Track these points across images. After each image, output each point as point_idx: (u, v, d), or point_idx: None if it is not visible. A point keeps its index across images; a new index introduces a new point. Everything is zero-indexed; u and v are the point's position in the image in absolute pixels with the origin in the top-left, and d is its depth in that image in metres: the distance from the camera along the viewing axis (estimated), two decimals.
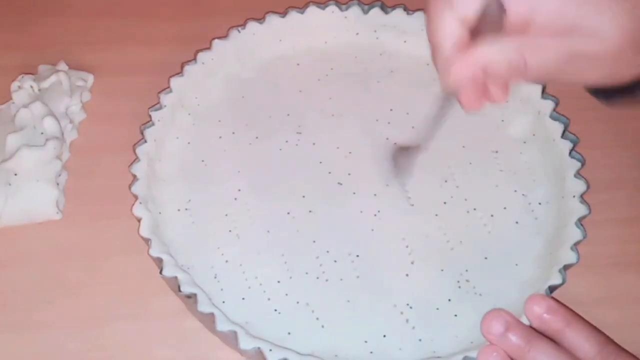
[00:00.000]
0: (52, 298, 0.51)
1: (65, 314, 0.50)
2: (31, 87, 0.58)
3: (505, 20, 0.38)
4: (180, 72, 0.57)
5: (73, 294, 0.51)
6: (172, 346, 0.48)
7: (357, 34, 0.61)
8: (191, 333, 0.49)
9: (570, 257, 0.47)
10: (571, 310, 0.42)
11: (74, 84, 0.60)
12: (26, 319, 0.50)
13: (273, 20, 0.60)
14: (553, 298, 0.44)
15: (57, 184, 0.54)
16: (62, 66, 0.61)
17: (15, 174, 0.53)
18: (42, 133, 0.56)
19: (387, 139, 0.56)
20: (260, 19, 0.60)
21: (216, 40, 0.58)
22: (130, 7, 0.68)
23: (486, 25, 0.38)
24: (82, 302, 0.50)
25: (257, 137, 0.56)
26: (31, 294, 0.51)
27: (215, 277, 0.49)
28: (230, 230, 0.51)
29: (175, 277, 0.46)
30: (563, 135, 0.53)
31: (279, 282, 0.49)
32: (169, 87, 0.55)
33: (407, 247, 0.51)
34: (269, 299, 0.48)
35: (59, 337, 0.49)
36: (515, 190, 0.53)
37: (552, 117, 0.54)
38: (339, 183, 0.54)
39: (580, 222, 0.48)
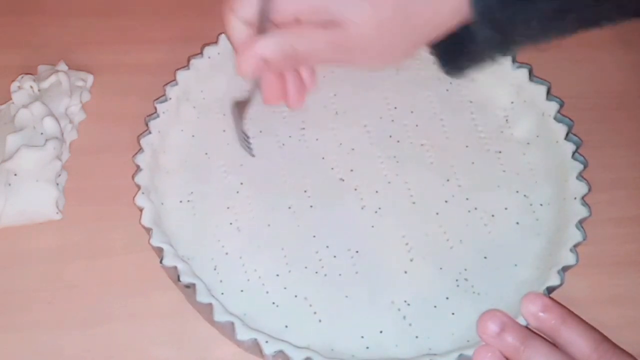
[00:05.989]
0: (51, 298, 0.50)
1: (65, 314, 0.50)
2: (31, 87, 0.58)
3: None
4: (186, 66, 0.57)
5: (73, 294, 0.51)
6: (171, 346, 0.49)
7: None
8: (190, 333, 0.49)
9: (569, 259, 0.47)
10: (566, 308, 0.42)
11: (73, 84, 0.60)
12: (26, 319, 0.50)
13: None
14: (548, 296, 0.44)
15: (57, 184, 0.54)
16: (62, 66, 0.61)
17: (15, 174, 0.53)
18: (42, 133, 0.55)
19: (390, 136, 0.56)
20: None
21: (223, 35, 0.58)
22: (130, 7, 0.67)
23: (270, 24, 0.43)
24: (82, 302, 0.50)
25: (260, 132, 0.56)
26: (31, 294, 0.51)
27: (214, 269, 0.49)
28: (231, 223, 0.52)
29: (175, 267, 0.46)
30: (566, 137, 0.53)
31: (277, 275, 0.49)
32: (174, 79, 0.56)
33: (406, 244, 0.51)
34: (267, 292, 0.49)
35: (59, 337, 0.49)
36: (517, 191, 0.53)
37: (556, 118, 0.54)
38: (340, 179, 0.54)
39: (580, 224, 0.48)
